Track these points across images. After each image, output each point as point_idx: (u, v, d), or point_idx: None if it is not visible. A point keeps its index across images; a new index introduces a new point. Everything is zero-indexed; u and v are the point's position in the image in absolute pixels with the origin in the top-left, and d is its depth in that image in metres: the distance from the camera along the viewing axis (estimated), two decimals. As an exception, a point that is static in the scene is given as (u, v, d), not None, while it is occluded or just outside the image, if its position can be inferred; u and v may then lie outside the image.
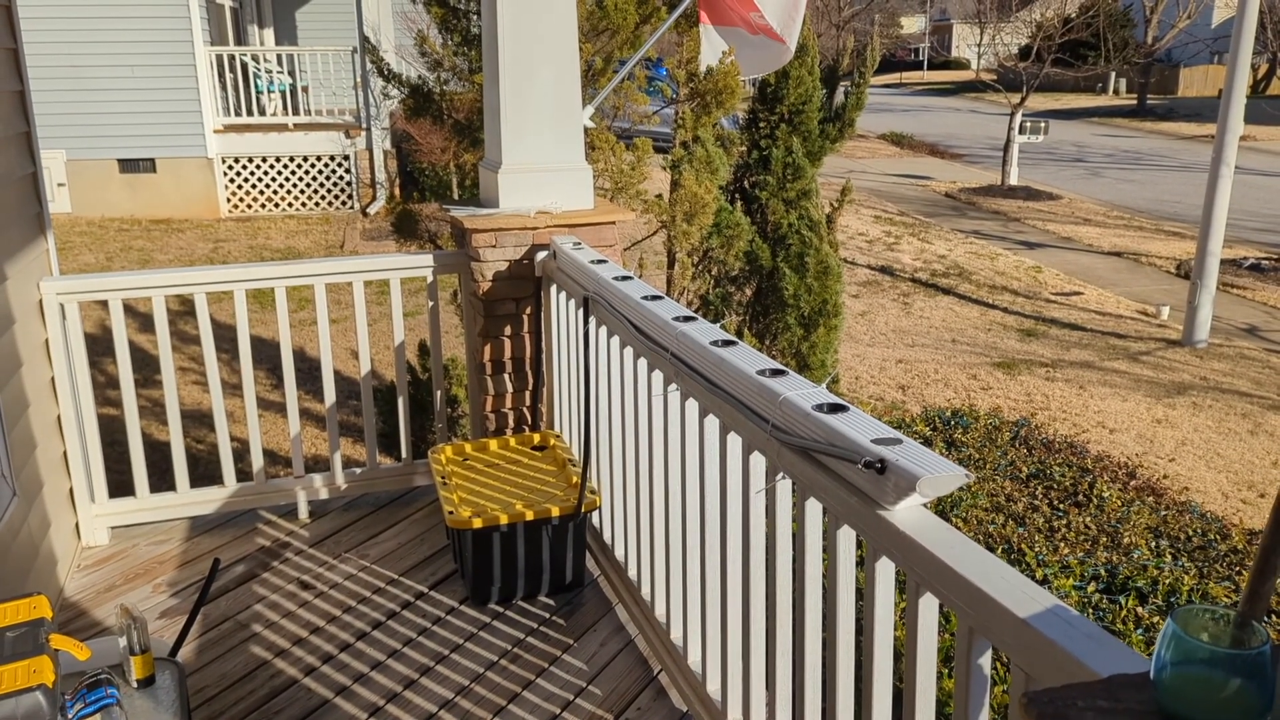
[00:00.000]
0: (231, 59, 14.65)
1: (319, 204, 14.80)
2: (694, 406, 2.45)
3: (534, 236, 3.71)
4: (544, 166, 3.76)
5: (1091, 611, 4.76)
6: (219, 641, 3.11)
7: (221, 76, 14.49)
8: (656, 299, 2.76)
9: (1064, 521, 5.81)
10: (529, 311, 3.82)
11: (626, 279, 3.01)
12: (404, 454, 4.04)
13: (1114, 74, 36.37)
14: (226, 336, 4.66)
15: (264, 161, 14.47)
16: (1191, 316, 10.76)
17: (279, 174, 14.58)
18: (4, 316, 3.12)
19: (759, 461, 2.16)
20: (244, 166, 14.44)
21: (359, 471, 3.99)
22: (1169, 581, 4.97)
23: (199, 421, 6.92)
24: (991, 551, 2.13)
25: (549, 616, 3.22)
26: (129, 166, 14.05)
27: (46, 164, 3.60)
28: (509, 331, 3.82)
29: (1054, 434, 7.59)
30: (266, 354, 7.91)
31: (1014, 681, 1.40)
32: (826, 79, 7.26)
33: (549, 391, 3.88)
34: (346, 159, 14.66)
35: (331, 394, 3.91)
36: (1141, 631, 4.60)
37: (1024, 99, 19.80)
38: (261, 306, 9.35)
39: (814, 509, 1.98)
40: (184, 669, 2.17)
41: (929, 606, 1.63)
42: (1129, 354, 10.44)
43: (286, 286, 3.80)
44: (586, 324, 3.19)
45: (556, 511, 3.19)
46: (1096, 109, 34.90)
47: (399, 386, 4.05)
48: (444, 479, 3.40)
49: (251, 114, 14.78)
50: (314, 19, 18.38)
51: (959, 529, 2.52)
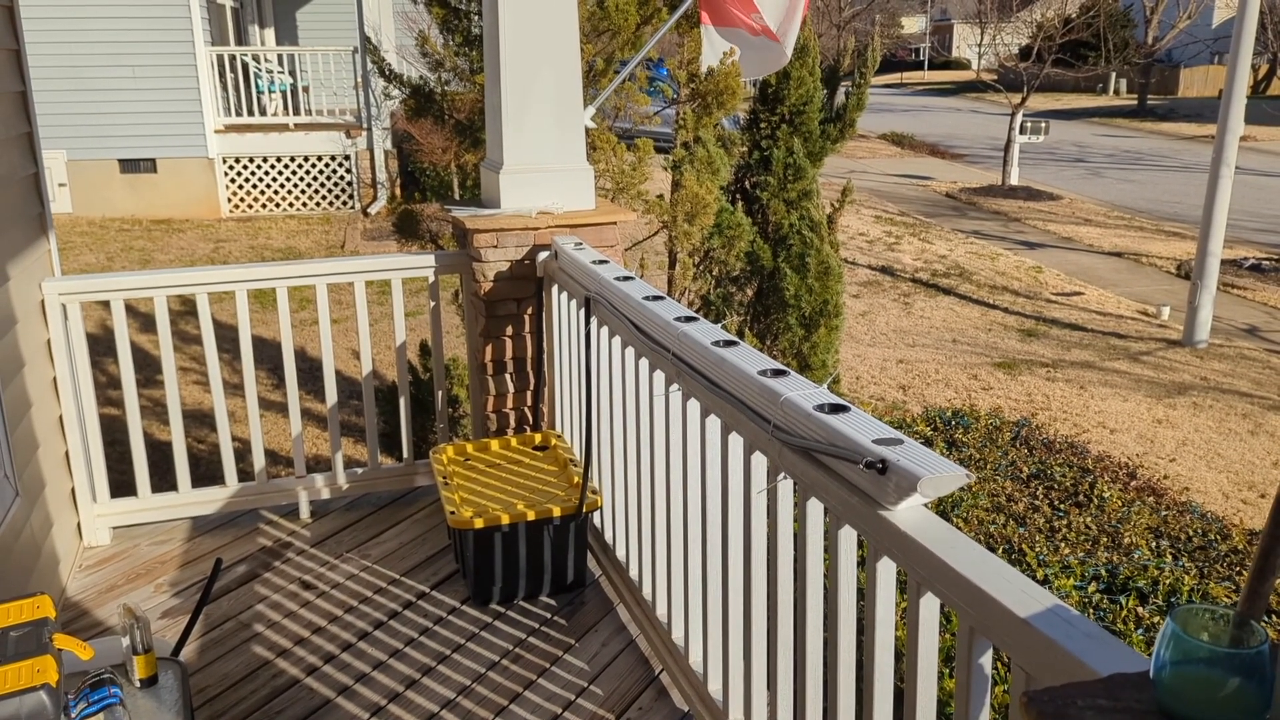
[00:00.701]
0: (232, 59, 14.66)
1: (320, 204, 14.80)
2: (695, 406, 2.46)
3: (535, 237, 3.71)
4: (545, 167, 3.77)
5: (1092, 611, 4.76)
6: (221, 641, 3.11)
7: (222, 76, 14.49)
8: (658, 299, 2.76)
9: (1065, 522, 5.81)
10: (530, 311, 3.83)
11: (628, 279, 3.01)
12: (405, 454, 4.04)
13: (1114, 74, 36.36)
14: (228, 336, 4.67)
15: (265, 162, 14.47)
16: (1192, 317, 10.75)
17: (280, 174, 14.59)
18: (6, 317, 3.13)
19: (760, 461, 2.17)
20: (245, 166, 14.45)
21: (360, 471, 4.00)
22: (1169, 581, 4.98)
23: (200, 421, 6.92)
24: (992, 552, 2.13)
25: (550, 616, 3.23)
26: (130, 167, 14.05)
27: (47, 164, 3.60)
28: (510, 331, 3.83)
29: (1055, 434, 7.60)
30: (268, 354, 7.92)
31: (1014, 681, 1.41)
32: (827, 79, 7.26)
33: (550, 391, 3.88)
34: (347, 159, 14.66)
35: (333, 394, 3.92)
36: (1142, 631, 4.60)
37: (1024, 99, 19.79)
38: (263, 306, 9.36)
39: (815, 509, 1.99)
40: (186, 669, 2.17)
41: (930, 606, 1.63)
42: (1129, 354, 10.44)
43: (288, 287, 3.81)
44: (588, 324, 3.20)
45: (558, 511, 3.20)
46: (1097, 109, 34.88)
47: (400, 386, 4.06)
48: (445, 479, 3.40)
49: (252, 114, 14.78)
50: (315, 19, 18.39)
51: (960, 529, 2.52)
